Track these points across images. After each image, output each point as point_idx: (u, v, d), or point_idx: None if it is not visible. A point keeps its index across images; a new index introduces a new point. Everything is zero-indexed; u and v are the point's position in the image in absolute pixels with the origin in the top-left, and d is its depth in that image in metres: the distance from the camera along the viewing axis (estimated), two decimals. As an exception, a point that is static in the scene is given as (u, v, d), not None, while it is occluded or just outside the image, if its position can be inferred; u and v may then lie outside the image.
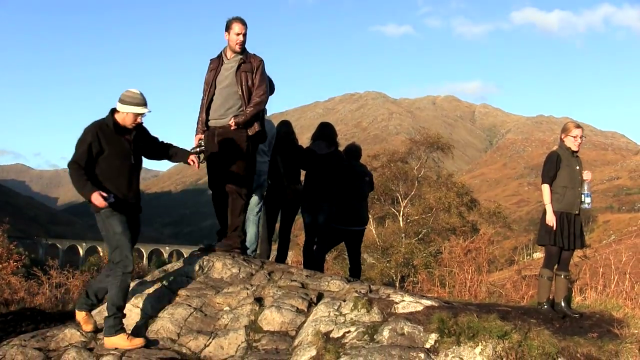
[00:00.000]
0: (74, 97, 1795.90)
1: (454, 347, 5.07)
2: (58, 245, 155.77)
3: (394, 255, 36.59)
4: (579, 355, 5.41)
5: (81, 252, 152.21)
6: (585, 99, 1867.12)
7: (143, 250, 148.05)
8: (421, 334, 5.33)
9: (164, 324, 6.29)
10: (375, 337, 5.41)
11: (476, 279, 12.35)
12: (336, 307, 6.10)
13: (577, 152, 8.43)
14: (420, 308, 5.91)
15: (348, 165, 9.78)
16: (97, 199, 6.16)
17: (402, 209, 42.73)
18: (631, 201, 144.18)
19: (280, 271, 7.49)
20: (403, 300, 6.11)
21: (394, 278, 34.83)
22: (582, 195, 8.32)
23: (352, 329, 5.63)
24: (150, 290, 6.81)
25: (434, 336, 5.26)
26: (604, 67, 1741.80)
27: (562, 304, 8.19)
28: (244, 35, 7.98)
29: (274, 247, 9.89)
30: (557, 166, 8.31)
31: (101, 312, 6.70)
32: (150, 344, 6.20)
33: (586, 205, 8.33)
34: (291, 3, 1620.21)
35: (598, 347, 5.62)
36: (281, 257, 9.29)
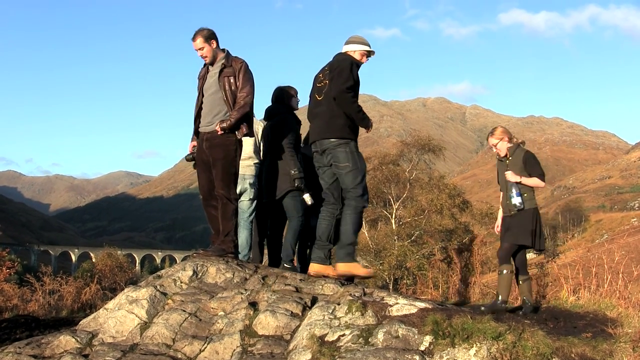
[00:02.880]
0: (65, 102, 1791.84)
1: (448, 348, 5.09)
2: (50, 251, 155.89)
3: (387, 258, 36.63)
4: (573, 355, 5.43)
5: (74, 258, 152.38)
6: (575, 99, 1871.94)
7: (135, 256, 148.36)
8: (416, 336, 5.35)
9: (159, 330, 6.28)
10: (369, 340, 5.42)
11: (469, 280, 12.39)
12: (330, 311, 6.11)
13: (505, 156, 8.70)
14: (414, 310, 5.93)
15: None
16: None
17: (394, 211, 42.83)
18: (623, 200, 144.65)
19: (274, 275, 7.49)
20: (397, 303, 6.12)
21: (388, 281, 34.87)
22: (510, 197, 8.54)
23: (347, 332, 5.64)
24: (144, 296, 6.80)
25: (428, 338, 5.27)
26: (593, 67, 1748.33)
27: (527, 305, 8.35)
28: (201, 49, 8.04)
29: (266, 251, 9.90)
30: (497, 171, 8.72)
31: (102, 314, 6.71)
32: (373, 275, 6.87)
33: (517, 206, 8.49)
34: (278, 7, 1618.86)
35: (592, 346, 5.64)
36: (274, 262, 9.29)
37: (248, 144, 9.12)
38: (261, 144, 9.38)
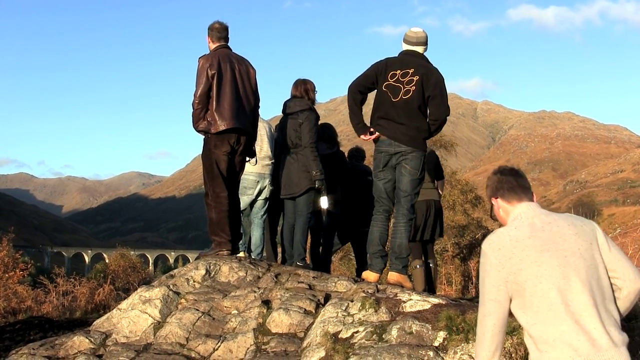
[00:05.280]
0: (76, 104, 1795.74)
1: (462, 344, 5.07)
2: (64, 253, 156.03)
3: (400, 255, 36.47)
4: (588, 349, 5.40)
5: (87, 259, 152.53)
6: (586, 93, 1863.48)
7: (149, 256, 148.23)
8: (429, 332, 5.33)
9: (172, 329, 6.29)
10: (383, 336, 5.40)
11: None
12: (344, 308, 6.10)
13: None
14: (427, 306, 5.91)
15: (350, 166, 9.78)
16: None
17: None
18: (636, 194, 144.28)
19: (287, 273, 7.48)
20: (410, 299, 6.10)
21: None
22: None
23: (361, 329, 5.63)
24: (158, 295, 6.81)
25: (442, 334, 5.26)
26: (604, 61, 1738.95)
27: None
28: None
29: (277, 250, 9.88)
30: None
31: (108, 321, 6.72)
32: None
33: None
34: (287, 6, 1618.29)
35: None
36: (287, 260, 9.27)
37: (264, 142, 9.10)
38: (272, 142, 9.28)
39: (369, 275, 7.23)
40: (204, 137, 7.90)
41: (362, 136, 7.44)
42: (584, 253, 3.40)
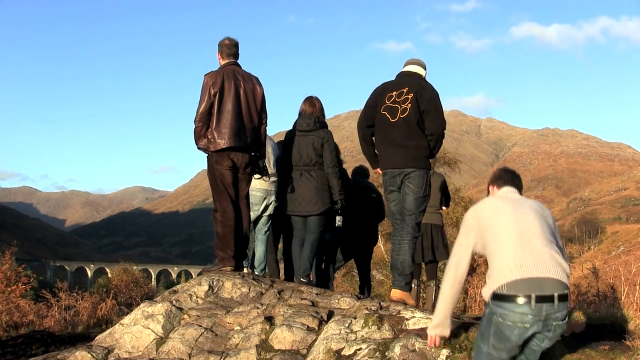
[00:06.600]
0: (80, 118, 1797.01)
1: (465, 362, 5.07)
2: (66, 267, 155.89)
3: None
4: (591, 368, 5.39)
5: (89, 273, 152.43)
6: (590, 110, 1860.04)
7: (151, 271, 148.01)
8: (432, 350, 5.32)
9: (175, 345, 6.28)
10: (386, 354, 5.40)
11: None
12: (347, 325, 6.09)
13: None
14: (430, 324, 5.90)
15: (353, 183, 9.77)
16: None
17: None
18: (639, 212, 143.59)
19: (290, 290, 7.47)
20: (414, 317, 6.10)
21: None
22: None
23: (364, 346, 5.62)
24: (160, 311, 6.81)
25: (445, 352, 5.25)
26: (607, 78, 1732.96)
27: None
28: None
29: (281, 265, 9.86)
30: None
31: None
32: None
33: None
34: (290, 22, 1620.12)
35: (610, 359, 5.60)
36: (289, 276, 9.24)
37: (271, 159, 9.06)
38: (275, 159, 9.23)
39: (393, 292, 7.33)
40: (206, 154, 7.96)
41: (378, 170, 7.70)
42: (537, 210, 4.60)
